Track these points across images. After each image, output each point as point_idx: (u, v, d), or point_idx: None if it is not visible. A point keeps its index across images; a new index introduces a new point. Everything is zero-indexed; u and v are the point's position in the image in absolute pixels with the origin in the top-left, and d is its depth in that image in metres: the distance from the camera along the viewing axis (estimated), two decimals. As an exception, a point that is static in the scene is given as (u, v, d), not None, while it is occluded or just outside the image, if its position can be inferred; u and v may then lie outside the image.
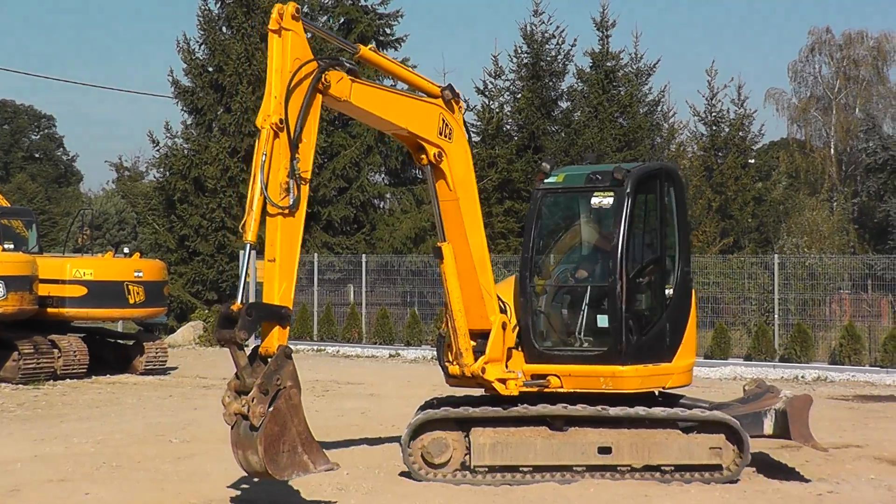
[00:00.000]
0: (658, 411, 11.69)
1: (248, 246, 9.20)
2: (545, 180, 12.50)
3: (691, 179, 45.99)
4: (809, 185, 61.24)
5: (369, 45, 10.65)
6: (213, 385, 22.38)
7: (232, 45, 38.83)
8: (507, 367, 11.86)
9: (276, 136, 9.44)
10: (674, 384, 12.44)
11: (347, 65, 10.46)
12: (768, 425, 12.01)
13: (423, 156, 11.42)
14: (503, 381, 11.73)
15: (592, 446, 11.64)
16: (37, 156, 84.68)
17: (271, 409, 9.02)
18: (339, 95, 10.19)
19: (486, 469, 11.73)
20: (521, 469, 11.72)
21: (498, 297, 11.89)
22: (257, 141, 9.50)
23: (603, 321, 12.04)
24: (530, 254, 12.29)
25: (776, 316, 27.06)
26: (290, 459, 9.12)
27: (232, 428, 9.17)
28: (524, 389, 11.86)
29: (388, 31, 42.90)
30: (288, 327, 9.44)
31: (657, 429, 11.62)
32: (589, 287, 12.26)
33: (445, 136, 11.43)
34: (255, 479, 10.53)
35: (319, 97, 10.01)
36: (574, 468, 11.67)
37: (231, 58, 38.48)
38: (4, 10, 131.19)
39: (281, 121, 9.47)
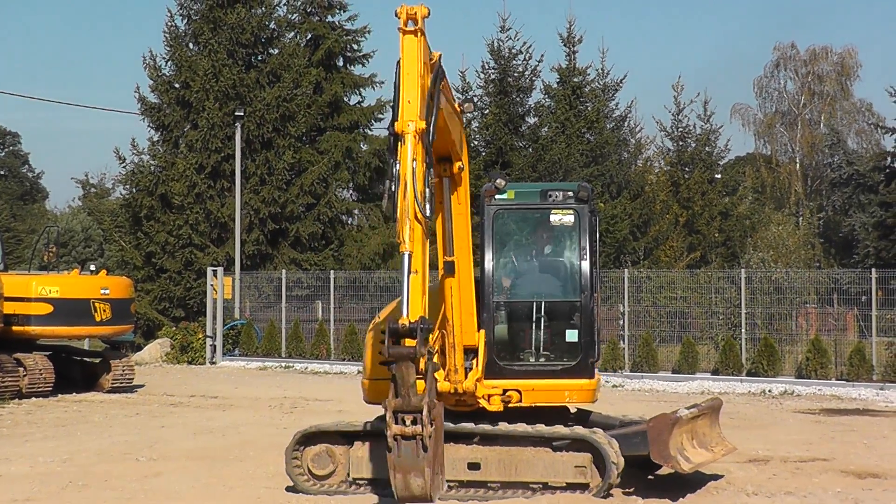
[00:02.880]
0: (524, 428, 11.60)
1: (408, 255, 8.94)
2: (496, 196, 12.46)
3: (658, 195, 46.24)
4: (775, 200, 61.73)
5: (439, 54, 10.32)
6: (180, 403, 22.29)
7: (199, 62, 38.76)
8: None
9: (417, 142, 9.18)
10: (598, 397, 12.58)
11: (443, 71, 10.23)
12: None
13: (447, 167, 11.27)
14: (487, 397, 11.75)
15: (462, 462, 11.61)
16: (2, 173, 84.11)
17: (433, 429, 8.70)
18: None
19: (366, 482, 11.79)
20: None
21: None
22: (401, 147, 9.16)
23: (572, 336, 12.14)
24: (490, 270, 12.27)
25: (743, 330, 27.19)
26: (434, 481, 8.83)
27: (390, 451, 8.66)
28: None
29: (355, 47, 43.01)
30: None
31: (527, 446, 11.54)
32: (556, 303, 12.30)
33: (461, 149, 11.42)
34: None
35: None
36: (447, 483, 11.54)
37: (198, 74, 38.40)
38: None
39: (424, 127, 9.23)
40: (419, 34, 9.44)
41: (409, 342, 8.66)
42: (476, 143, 42.91)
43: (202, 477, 13.06)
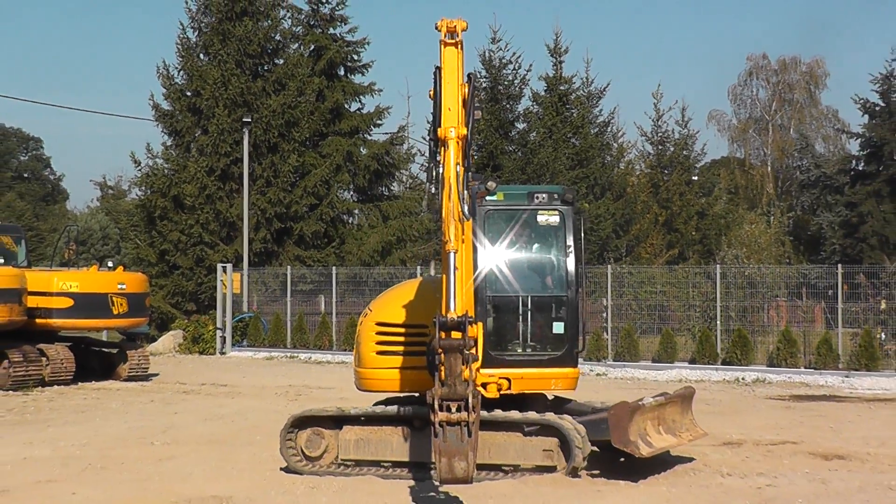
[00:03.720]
0: (484, 413, 11.53)
1: (454, 254, 8.92)
2: (487, 197, 12.49)
3: (639, 195, 46.26)
4: (748, 201, 61.79)
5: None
6: (192, 390, 22.29)
7: (209, 71, 38.70)
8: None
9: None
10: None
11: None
12: None
13: None
14: (484, 385, 11.77)
15: None
16: (25, 176, 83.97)
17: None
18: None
19: (353, 463, 11.84)
20: (382, 464, 11.77)
21: None
22: (444, 152, 9.10)
23: (559, 328, 12.16)
24: (482, 267, 12.27)
25: (718, 322, 27.19)
26: (473, 464, 8.89)
27: (436, 436, 8.69)
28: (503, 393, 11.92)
29: (355, 57, 42.94)
30: None
31: (500, 431, 11.50)
32: (543, 297, 12.32)
33: None
34: (441, 488, 10.14)
35: None
36: (429, 465, 11.54)
37: (208, 83, 38.35)
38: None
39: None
40: (459, 46, 9.39)
41: (455, 335, 8.71)
42: (468, 147, 42.87)
43: (212, 460, 13.07)
